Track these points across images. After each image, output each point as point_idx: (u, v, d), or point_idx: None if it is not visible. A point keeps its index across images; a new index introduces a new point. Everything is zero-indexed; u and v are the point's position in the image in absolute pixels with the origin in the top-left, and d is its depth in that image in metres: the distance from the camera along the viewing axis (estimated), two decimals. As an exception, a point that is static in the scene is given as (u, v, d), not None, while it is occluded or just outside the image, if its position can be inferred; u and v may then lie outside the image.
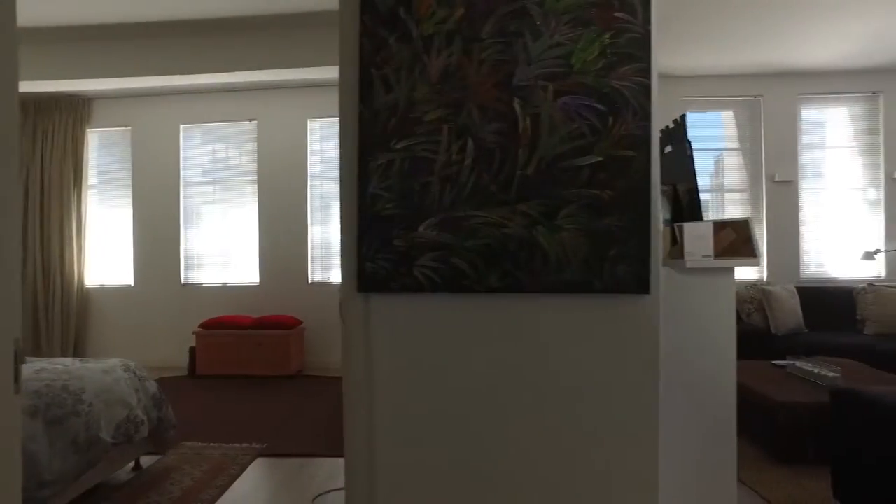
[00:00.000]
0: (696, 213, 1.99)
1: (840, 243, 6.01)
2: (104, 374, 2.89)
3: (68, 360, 3.06)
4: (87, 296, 6.34)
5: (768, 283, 5.76)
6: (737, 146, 6.07)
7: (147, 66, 5.18)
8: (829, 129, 6.12)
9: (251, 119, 6.33)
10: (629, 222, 1.19)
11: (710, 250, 1.77)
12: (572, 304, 1.23)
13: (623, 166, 1.20)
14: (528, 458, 1.26)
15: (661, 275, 1.22)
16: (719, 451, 1.87)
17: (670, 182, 2.13)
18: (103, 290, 6.40)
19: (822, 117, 6.12)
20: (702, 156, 6.07)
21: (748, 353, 4.68)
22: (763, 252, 5.95)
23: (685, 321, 1.85)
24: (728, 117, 6.10)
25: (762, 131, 5.95)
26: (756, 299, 5.35)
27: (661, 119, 5.14)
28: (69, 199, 6.23)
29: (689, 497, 1.87)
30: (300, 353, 5.97)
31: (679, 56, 5.38)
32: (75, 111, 6.25)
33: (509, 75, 1.23)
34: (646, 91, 1.23)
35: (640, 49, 1.24)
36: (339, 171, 1.29)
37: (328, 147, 6.27)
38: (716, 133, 6.13)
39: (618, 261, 1.20)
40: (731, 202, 6.06)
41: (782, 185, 5.93)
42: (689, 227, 1.82)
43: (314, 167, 6.33)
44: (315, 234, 6.33)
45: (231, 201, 6.46)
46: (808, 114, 6.05)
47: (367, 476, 1.26)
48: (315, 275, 6.30)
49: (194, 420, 4.24)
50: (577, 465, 1.25)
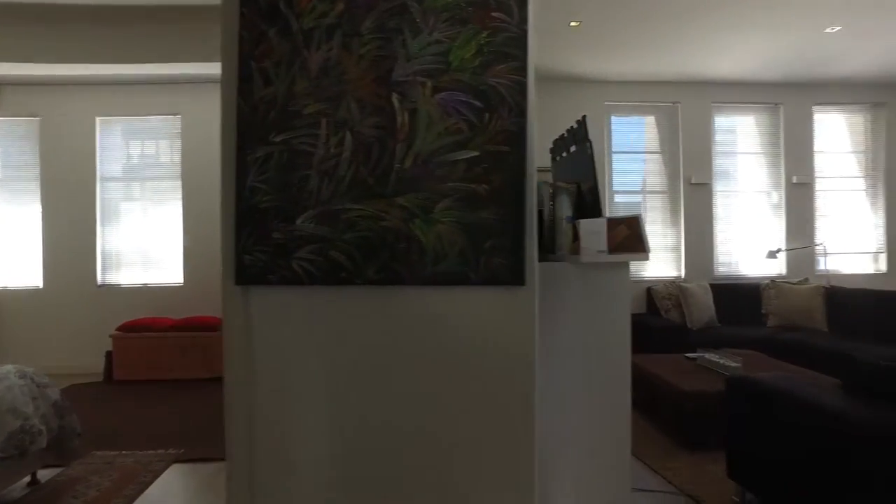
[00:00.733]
0: (596, 211, 2.08)
1: (748, 243, 6.41)
2: (-7, 382, 2.71)
3: (-48, 368, 2.85)
4: (-14, 299, 5.94)
5: (685, 280, 6.06)
6: (658, 150, 6.35)
7: (60, 52, 4.88)
8: (739, 136, 6.51)
9: (175, 114, 6.09)
10: (504, 216, 1.24)
11: (605, 245, 1.85)
12: (450, 296, 1.26)
13: (499, 161, 1.24)
14: (409, 449, 1.28)
15: (536, 267, 1.27)
16: (615, 439, 1.95)
17: (574, 181, 2.21)
18: (6, 293, 5.99)
19: (733, 125, 6.50)
20: (628, 158, 6.32)
21: (666, 347, 4.92)
22: (682, 251, 6.26)
23: (584, 314, 1.92)
24: (650, 122, 6.38)
25: (680, 136, 6.26)
26: (674, 296, 5.62)
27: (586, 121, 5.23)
28: (-33, 194, 5.81)
29: (585, 482, 1.94)
30: (226, 356, 5.79)
31: (603, 61, 5.57)
32: (-24, 99, 5.83)
33: (388, 71, 1.25)
34: (522, 88, 1.27)
35: (516, 48, 1.29)
36: (221, 164, 1.27)
37: (256, 144, 6.12)
38: (639, 137, 6.39)
39: (493, 253, 1.24)
40: (652, 203, 6.34)
41: (698, 188, 6.25)
42: (585, 224, 1.90)
43: (241, 164, 6.16)
44: (242, 233, 6.16)
45: (153, 199, 6.19)
46: (720, 121, 6.41)
47: (248, 472, 1.25)
48: (242, 275, 6.13)
49: (107, 428, 4.04)
50: (457, 455, 1.28)
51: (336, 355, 1.28)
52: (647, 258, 1.85)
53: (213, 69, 5.22)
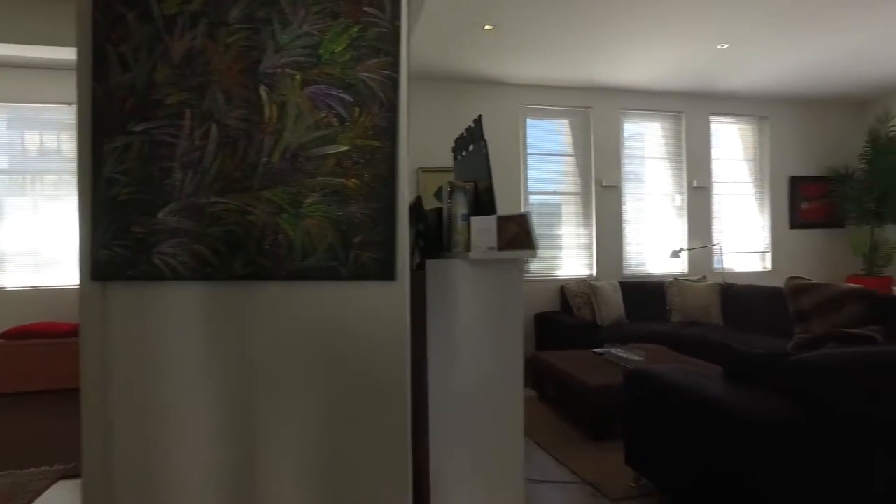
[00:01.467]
0: (492, 209, 2.13)
1: (654, 243, 6.76)
2: None
3: None
4: None
5: (596, 279, 6.32)
6: (572, 153, 6.57)
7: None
8: (647, 142, 6.85)
9: (70, 103, 5.69)
10: (375, 210, 1.24)
11: (495, 242, 1.89)
12: (319, 291, 1.25)
13: (369, 156, 1.25)
14: (281, 447, 1.25)
15: (407, 262, 1.28)
16: (509, 433, 2.00)
17: (472, 179, 2.26)
18: None
19: (641, 130, 6.84)
20: (543, 160, 6.50)
21: (578, 343, 5.10)
22: (593, 250, 6.51)
23: (478, 310, 1.96)
24: (564, 126, 6.60)
25: (592, 140, 6.51)
26: (585, 294, 5.83)
27: (499, 122, 5.43)
28: None
29: (478, 477, 1.99)
30: (128, 362, 5.47)
31: (518, 66, 5.71)
32: None
33: (256, 62, 1.23)
34: (393, 84, 1.28)
35: (388, 43, 1.29)
36: (77, 154, 1.20)
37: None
38: (554, 140, 6.59)
39: (364, 248, 1.24)
40: (567, 205, 6.55)
41: (609, 190, 6.53)
42: (477, 221, 1.94)
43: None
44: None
45: (47, 194, 5.75)
46: (629, 127, 6.73)
47: (106, 488, 1.18)
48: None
49: (-16, 445, 3.71)
50: (331, 452, 1.27)
51: (201, 353, 1.23)
52: (534, 254, 1.91)
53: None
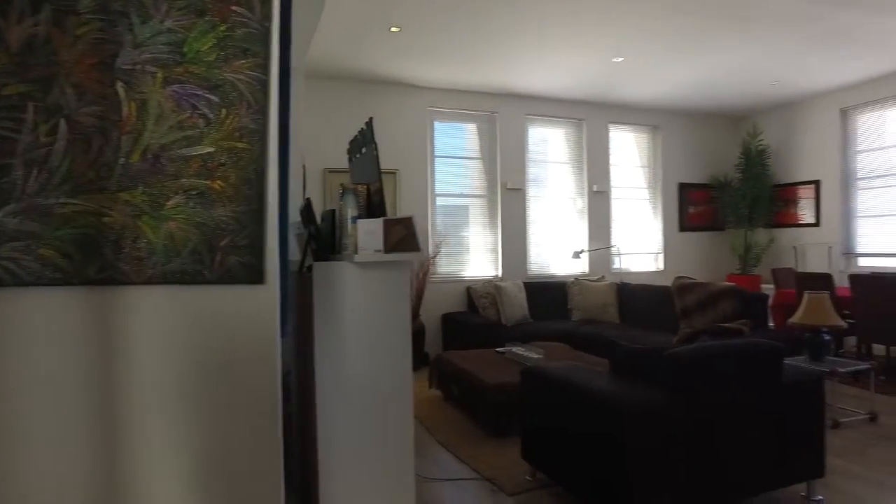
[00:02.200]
0: (382, 211, 2.14)
1: (557, 244, 7.06)
2: None
3: None
4: None
5: (502, 279, 6.50)
6: (479, 156, 6.72)
7: None
8: (550, 147, 7.14)
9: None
10: (242, 213, 1.22)
11: (381, 245, 1.91)
12: (183, 295, 1.21)
13: (236, 158, 1.22)
14: (145, 461, 1.20)
15: (277, 265, 1.27)
16: (398, 434, 2.02)
17: (364, 182, 2.26)
18: None
19: (545, 136, 7.11)
20: (451, 163, 6.60)
21: (483, 343, 5.20)
22: (499, 252, 6.69)
23: (366, 312, 1.97)
24: (471, 129, 6.73)
25: (498, 144, 6.69)
26: (490, 294, 5.98)
27: (407, 124, 5.43)
28: None
29: (367, 480, 1.99)
30: None
31: (426, 68, 5.76)
32: None
33: (112, 56, 1.17)
34: (262, 86, 1.26)
35: (256, 44, 1.27)
36: None
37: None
38: (462, 143, 6.71)
39: (230, 251, 1.21)
40: (473, 207, 6.69)
41: (513, 193, 6.74)
42: (363, 224, 1.95)
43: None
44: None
45: None
46: (533, 132, 6.98)
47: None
48: None
49: None
50: (199, 459, 1.23)
51: (53, 363, 1.16)
52: (420, 257, 1.95)
53: None
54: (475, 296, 6.08)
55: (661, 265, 7.58)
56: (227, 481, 1.26)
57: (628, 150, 7.56)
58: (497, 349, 4.76)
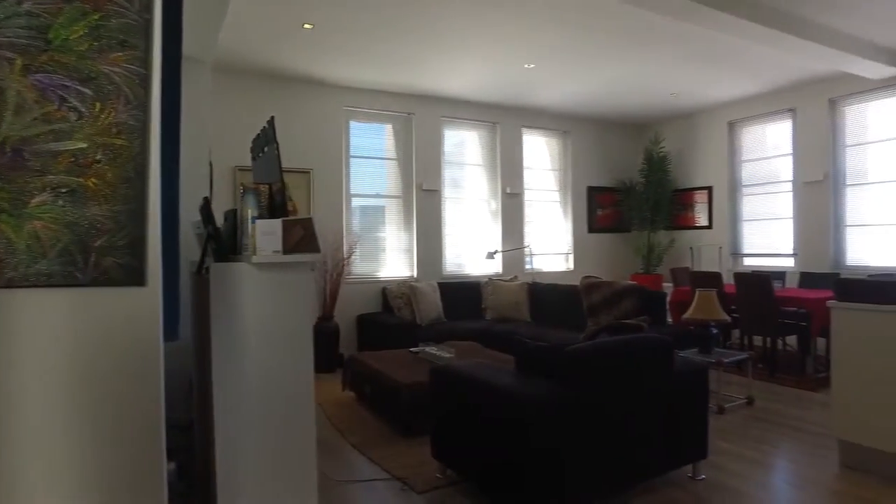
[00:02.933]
0: (284, 212, 2.10)
1: (472, 245, 7.19)
2: None
3: None
4: None
5: (417, 280, 6.53)
6: (395, 157, 6.72)
7: None
8: (466, 149, 7.26)
9: None
10: (120, 213, 1.16)
11: (280, 246, 1.88)
12: (53, 298, 1.14)
13: (113, 155, 1.16)
14: (18, 471, 1.11)
15: (160, 266, 1.22)
16: (299, 438, 1.99)
17: (266, 181, 2.21)
18: None
19: (460, 138, 7.22)
20: (367, 163, 6.55)
21: (398, 343, 5.21)
22: (414, 252, 6.72)
23: (266, 313, 1.93)
24: (388, 130, 6.72)
25: (413, 145, 6.72)
26: (405, 295, 6.00)
27: (322, 123, 5.33)
28: None
29: (268, 487, 1.95)
30: None
31: (341, 67, 5.68)
32: None
33: (-40, 39, 1.07)
34: (142, 80, 1.20)
35: (135, 36, 1.21)
36: None
37: None
38: (378, 143, 6.68)
39: (106, 252, 1.15)
40: (390, 207, 6.68)
41: (429, 194, 6.80)
42: (261, 224, 1.91)
43: None
44: None
45: None
46: (449, 134, 7.07)
47: None
48: None
49: None
50: (76, 469, 1.16)
51: None
52: (320, 257, 1.93)
53: None
54: (390, 296, 6.08)
55: (571, 265, 7.91)
56: (105, 495, 1.19)
57: (540, 154, 7.83)
58: (411, 349, 4.78)
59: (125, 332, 1.18)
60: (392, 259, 6.64)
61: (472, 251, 7.15)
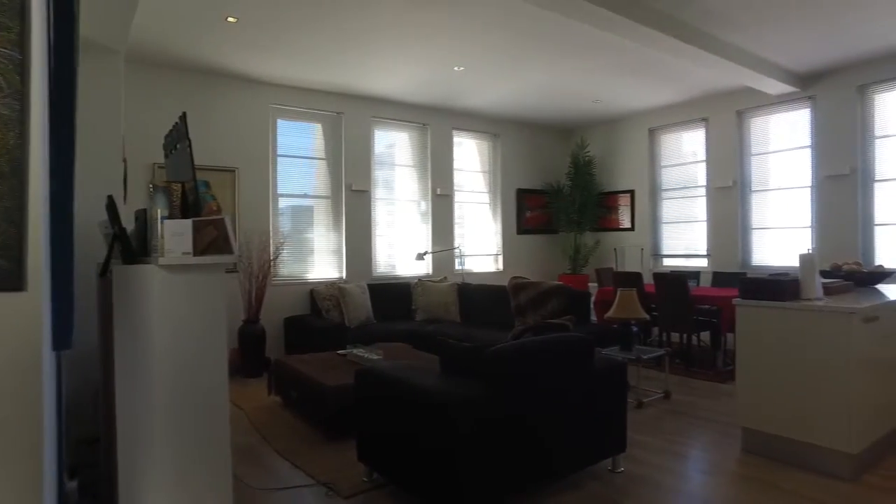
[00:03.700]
0: (197, 211, 2.01)
1: (402, 246, 7.17)
2: None
3: None
4: None
5: (346, 281, 6.44)
6: (324, 156, 6.59)
7: None
8: (396, 150, 7.23)
9: None
10: (-7, 211, 1.06)
11: (190, 247, 1.79)
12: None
13: (-15, 148, 1.06)
14: None
15: (43, 268, 1.13)
16: (212, 448, 1.91)
17: (179, 180, 2.10)
18: None
19: (391, 139, 7.18)
20: (295, 163, 6.39)
21: (326, 346, 5.12)
22: (343, 253, 6.62)
23: (175, 318, 1.83)
24: (317, 129, 6.58)
25: (343, 145, 6.62)
26: (334, 296, 5.90)
27: (249, 121, 5.14)
28: None
29: (185, 493, 1.85)
30: None
31: (268, 63, 5.51)
32: None
33: None
34: (16, 66, 1.11)
35: (7, 17, 1.11)
36: None
37: None
38: (307, 142, 6.52)
39: (-23, 254, 1.05)
40: (319, 207, 6.55)
41: (359, 194, 6.71)
42: (170, 225, 1.81)
43: None
44: None
45: None
46: (379, 134, 7.01)
47: None
48: None
49: None
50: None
51: None
52: (234, 259, 1.86)
53: None
54: (318, 298, 5.95)
55: (500, 266, 8.04)
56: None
57: (471, 156, 7.91)
58: (338, 351, 4.71)
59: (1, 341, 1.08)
60: (321, 260, 6.51)
61: (402, 252, 7.13)
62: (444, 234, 7.42)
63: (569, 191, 8.19)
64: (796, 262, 3.33)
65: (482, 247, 7.94)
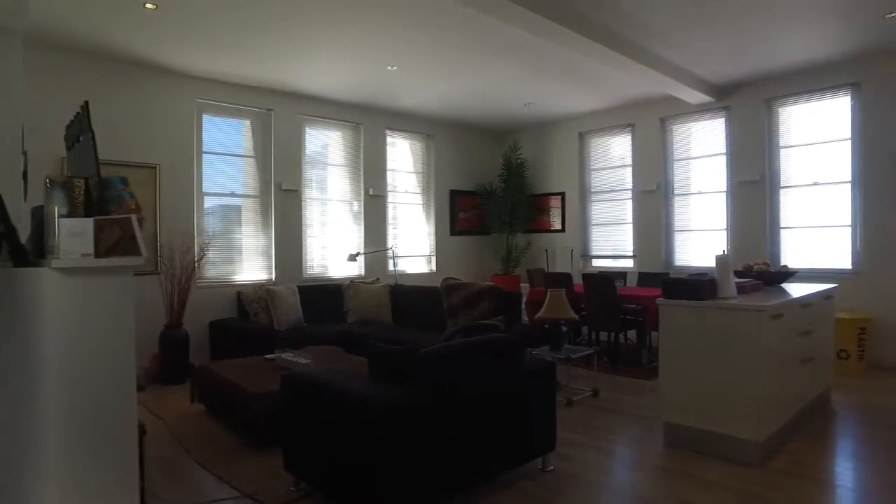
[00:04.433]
0: (103, 210, 1.86)
1: (334, 247, 7.03)
2: None
3: None
4: None
5: (275, 283, 6.24)
6: (252, 154, 6.36)
7: None
8: (329, 149, 7.08)
9: None
10: None
11: (91, 248, 1.65)
12: None
13: None
14: None
15: None
16: (116, 467, 1.76)
17: (82, 175, 1.94)
18: None
19: (322, 137, 7.03)
20: (222, 161, 6.12)
21: (254, 350, 4.92)
22: (272, 254, 6.41)
23: (72, 327, 1.68)
24: (245, 126, 6.34)
25: (273, 143, 6.41)
26: (263, 299, 5.70)
27: (172, 115, 4.89)
28: None
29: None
30: None
31: (193, 55, 5.25)
32: None
33: None
34: None
35: None
36: None
37: None
38: (235, 139, 6.27)
39: None
40: (247, 207, 6.31)
41: (289, 194, 6.53)
42: (67, 224, 1.66)
43: None
44: None
45: None
46: (311, 133, 6.84)
47: None
48: None
49: None
50: None
51: None
52: (141, 261, 1.73)
53: None
54: (246, 301, 5.74)
55: (433, 267, 8.04)
56: None
57: (404, 156, 7.87)
58: (266, 356, 4.54)
59: None
60: (249, 262, 6.28)
61: (334, 253, 6.99)
62: (376, 235, 7.33)
63: (501, 192, 8.30)
64: (714, 263, 3.51)
65: (415, 248, 7.91)
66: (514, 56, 5.43)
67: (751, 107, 6.35)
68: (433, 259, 8.06)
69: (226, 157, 6.17)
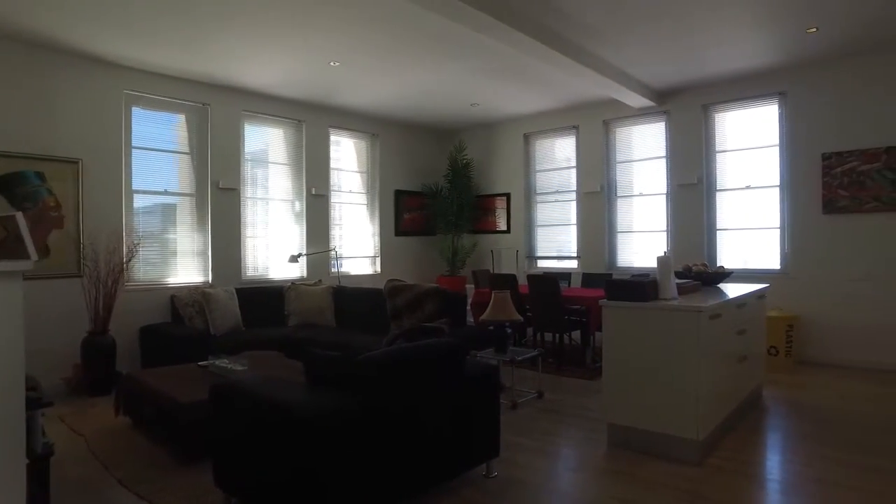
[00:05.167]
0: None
1: (275, 248, 6.78)
2: None
3: None
4: None
5: (212, 286, 5.95)
6: (187, 151, 6.05)
7: None
8: (269, 146, 6.83)
9: None
10: None
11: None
12: None
13: None
14: None
15: None
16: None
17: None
18: None
19: (263, 134, 6.77)
20: (154, 157, 5.79)
21: (189, 356, 4.64)
22: (209, 256, 6.12)
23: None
24: (180, 121, 6.02)
25: (209, 139, 6.12)
26: (198, 302, 5.42)
27: (97, 106, 4.56)
28: None
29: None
30: None
31: (122, 43, 4.91)
32: None
33: None
34: None
35: None
36: None
37: None
38: (168, 134, 5.94)
39: None
40: (182, 206, 6.00)
41: (227, 193, 6.25)
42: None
43: None
44: None
45: None
46: (250, 129, 6.58)
47: None
48: None
49: None
50: None
51: None
52: (30, 265, 1.55)
53: None
54: (179, 304, 5.44)
55: (378, 268, 7.89)
56: None
57: (348, 156, 7.69)
58: (199, 363, 4.29)
59: None
60: (183, 263, 5.96)
61: (274, 254, 6.74)
62: (319, 236, 7.13)
63: (447, 193, 8.25)
64: (656, 264, 3.55)
65: (359, 249, 7.75)
66: (460, 55, 5.37)
67: (689, 111, 6.54)
68: (377, 260, 7.91)
69: (158, 154, 5.83)
